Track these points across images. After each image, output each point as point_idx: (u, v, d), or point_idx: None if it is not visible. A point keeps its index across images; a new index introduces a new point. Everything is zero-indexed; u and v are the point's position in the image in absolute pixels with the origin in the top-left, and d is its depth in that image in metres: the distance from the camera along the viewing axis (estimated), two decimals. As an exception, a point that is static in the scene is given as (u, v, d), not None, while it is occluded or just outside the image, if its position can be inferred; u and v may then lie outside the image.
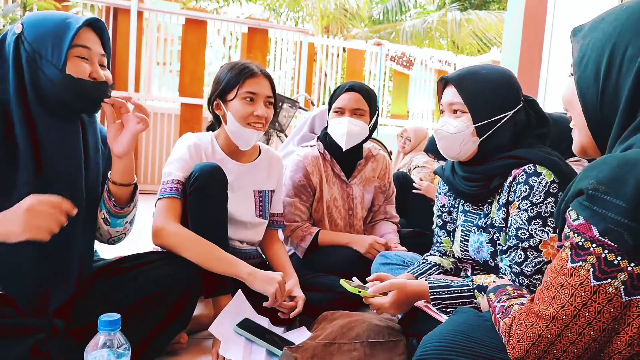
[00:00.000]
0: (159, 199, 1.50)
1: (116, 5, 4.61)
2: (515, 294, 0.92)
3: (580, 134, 0.84)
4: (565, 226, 0.73)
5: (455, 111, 1.30)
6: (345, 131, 1.91)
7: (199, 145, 1.63)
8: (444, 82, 1.35)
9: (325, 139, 2.02)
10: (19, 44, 1.10)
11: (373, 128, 2.01)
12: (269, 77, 1.65)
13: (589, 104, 0.79)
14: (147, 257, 1.35)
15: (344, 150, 1.96)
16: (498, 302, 0.90)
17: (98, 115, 1.28)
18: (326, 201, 2.02)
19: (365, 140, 2.01)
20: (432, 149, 3.14)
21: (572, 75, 0.83)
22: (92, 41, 1.15)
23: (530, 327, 0.74)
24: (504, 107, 1.27)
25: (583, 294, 0.69)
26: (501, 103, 1.26)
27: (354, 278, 1.38)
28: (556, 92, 3.90)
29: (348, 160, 2.05)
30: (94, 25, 1.17)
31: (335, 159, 2.04)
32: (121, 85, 4.63)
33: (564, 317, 0.70)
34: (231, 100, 1.61)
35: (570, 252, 0.70)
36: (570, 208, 0.72)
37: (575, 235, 0.70)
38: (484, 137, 1.27)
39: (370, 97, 1.97)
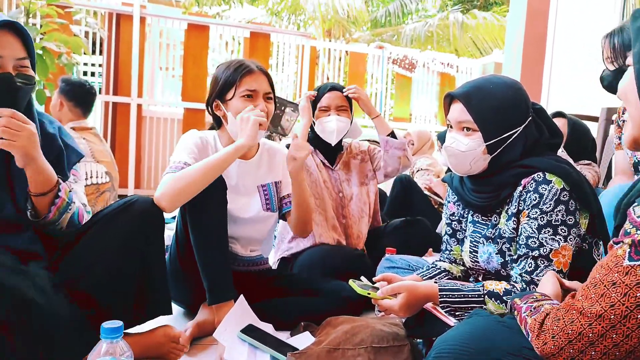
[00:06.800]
0: (166, 173, 1.47)
1: (119, 11, 4.63)
2: (544, 297, 0.89)
3: (633, 127, 0.78)
4: (627, 222, 0.69)
5: (464, 128, 1.27)
6: (335, 128, 2.10)
7: (206, 139, 1.64)
8: (450, 98, 1.32)
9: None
10: None
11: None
12: (266, 73, 1.64)
13: None
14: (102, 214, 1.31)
15: (333, 145, 2.15)
16: (525, 303, 0.87)
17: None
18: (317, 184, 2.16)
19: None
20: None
21: (630, 65, 0.76)
22: (7, 46, 1.08)
23: (570, 324, 0.69)
24: (514, 124, 1.25)
25: (639, 294, 0.64)
26: (511, 120, 1.24)
27: (362, 278, 1.37)
28: (559, 92, 3.89)
29: (331, 151, 2.23)
30: (11, 27, 1.08)
31: (320, 151, 2.22)
32: (124, 90, 4.65)
33: (612, 316, 0.66)
34: (230, 99, 1.60)
35: (629, 250, 0.66)
36: (635, 204, 0.68)
37: (639, 232, 0.66)
38: (495, 154, 1.25)
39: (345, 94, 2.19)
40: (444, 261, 1.50)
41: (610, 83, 1.87)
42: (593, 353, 0.67)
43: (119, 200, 1.33)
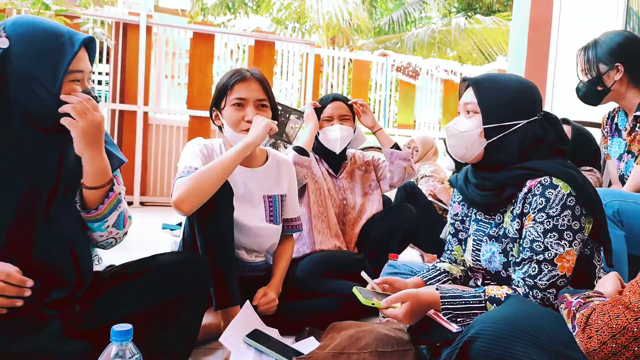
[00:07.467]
0: (178, 178, 1.48)
1: (125, 21, 4.69)
2: (596, 294, 0.88)
3: None
4: None
5: (468, 112, 1.31)
6: (339, 136, 2.18)
7: (211, 147, 1.66)
8: (466, 84, 1.36)
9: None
10: (6, 61, 1.06)
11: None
12: (260, 80, 1.62)
13: None
14: (151, 262, 1.31)
15: (337, 153, 2.22)
16: (575, 299, 0.86)
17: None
18: (322, 192, 2.21)
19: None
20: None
21: None
22: (85, 61, 1.15)
23: (615, 318, 0.69)
24: (517, 115, 1.26)
25: None
26: (514, 109, 1.26)
27: (363, 273, 1.40)
28: (563, 99, 3.90)
29: (335, 160, 2.29)
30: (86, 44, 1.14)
31: (324, 159, 2.29)
32: (131, 98, 4.70)
33: None
34: (223, 108, 1.61)
35: None
36: None
37: None
38: (491, 140, 1.27)
39: (349, 104, 2.28)
40: (444, 261, 1.52)
41: (584, 94, 1.91)
42: (636, 349, 0.66)
43: (170, 253, 1.33)
